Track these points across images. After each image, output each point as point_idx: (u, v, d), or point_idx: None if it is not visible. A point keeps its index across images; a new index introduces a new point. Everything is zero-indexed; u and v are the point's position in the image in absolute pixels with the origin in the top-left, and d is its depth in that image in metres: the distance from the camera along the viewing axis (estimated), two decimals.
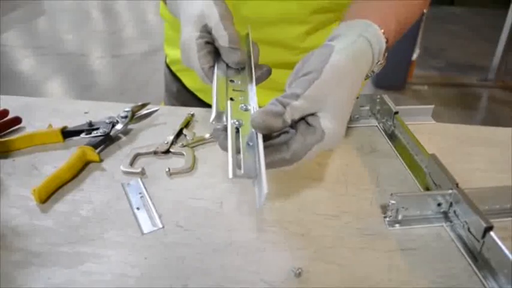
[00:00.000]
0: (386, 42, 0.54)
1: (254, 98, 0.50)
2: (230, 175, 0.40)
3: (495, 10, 4.14)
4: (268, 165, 0.44)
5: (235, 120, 0.47)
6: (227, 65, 0.55)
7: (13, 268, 0.46)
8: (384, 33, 0.53)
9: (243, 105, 0.50)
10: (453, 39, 3.97)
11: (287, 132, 0.48)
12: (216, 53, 0.55)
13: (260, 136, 0.45)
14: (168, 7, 0.64)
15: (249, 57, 0.57)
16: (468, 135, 0.68)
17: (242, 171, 0.42)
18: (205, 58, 0.53)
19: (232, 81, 0.53)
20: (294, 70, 0.51)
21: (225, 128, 0.47)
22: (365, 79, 0.56)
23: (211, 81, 0.52)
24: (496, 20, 3.38)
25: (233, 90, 0.52)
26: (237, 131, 0.46)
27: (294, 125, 0.48)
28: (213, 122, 0.47)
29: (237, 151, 0.44)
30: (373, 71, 0.56)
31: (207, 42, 0.54)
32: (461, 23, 4.40)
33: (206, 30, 0.54)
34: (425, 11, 2.66)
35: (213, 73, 0.53)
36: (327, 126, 0.46)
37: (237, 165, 0.42)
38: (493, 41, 3.18)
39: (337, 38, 0.51)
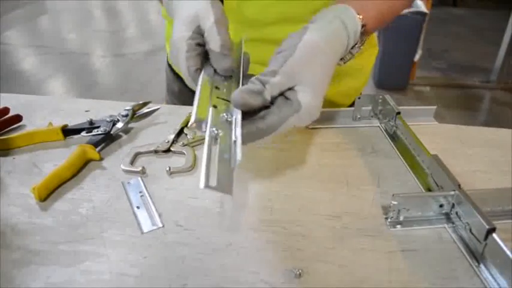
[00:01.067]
0: (364, 26, 0.55)
1: (238, 110, 0.49)
2: (201, 185, 0.39)
3: (498, 12, 4.14)
4: (246, 138, 0.46)
5: (214, 129, 0.46)
6: (215, 70, 0.54)
7: (12, 267, 0.45)
8: (362, 18, 0.55)
9: (224, 114, 0.49)
10: (455, 41, 3.96)
11: (268, 107, 0.49)
12: (205, 57, 0.55)
13: (239, 111, 0.46)
14: (165, 5, 0.64)
15: (239, 66, 0.56)
16: (470, 136, 0.68)
17: (215, 184, 0.41)
18: (194, 60, 0.53)
19: (217, 88, 0.53)
20: (274, 52, 0.52)
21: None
22: (344, 62, 0.59)
23: (196, 85, 0.52)
24: (499, 21, 3.38)
25: (217, 97, 0.51)
26: (215, 140, 0.46)
27: (274, 101, 0.50)
28: (191, 127, 0.47)
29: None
30: (351, 53, 0.58)
31: (198, 44, 0.53)
32: (464, 25, 4.39)
33: (199, 32, 0.53)
34: (427, 11, 2.64)
35: (199, 76, 0.53)
36: (303, 99, 0.48)
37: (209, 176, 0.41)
38: (496, 42, 3.17)
39: (314, 21, 0.53)
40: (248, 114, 0.48)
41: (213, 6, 0.53)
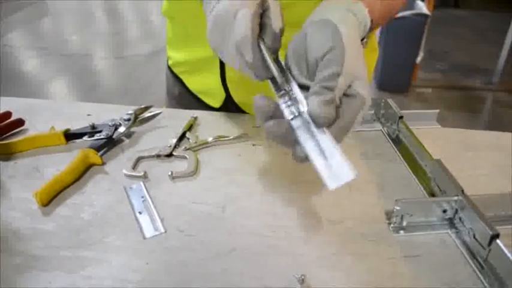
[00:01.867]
0: (371, 22, 0.54)
1: (303, 101, 0.46)
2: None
3: (500, 13, 4.13)
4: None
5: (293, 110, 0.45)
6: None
7: (14, 272, 0.45)
8: (369, 13, 0.53)
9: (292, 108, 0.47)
10: (458, 42, 3.95)
11: None
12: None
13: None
14: None
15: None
16: (473, 140, 0.68)
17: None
18: (256, 25, 0.49)
19: None
20: (293, 50, 0.50)
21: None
22: None
23: (255, 54, 0.48)
24: (501, 23, 3.37)
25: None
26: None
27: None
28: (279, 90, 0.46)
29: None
30: None
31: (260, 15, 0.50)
32: (466, 26, 4.38)
33: (262, 5, 0.50)
34: (429, 13, 2.63)
35: (259, 43, 0.49)
36: (363, 92, 0.47)
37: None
38: (498, 44, 3.17)
39: (324, 12, 0.51)
40: None
41: None
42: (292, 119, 0.45)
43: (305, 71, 0.49)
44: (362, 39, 0.54)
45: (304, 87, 0.48)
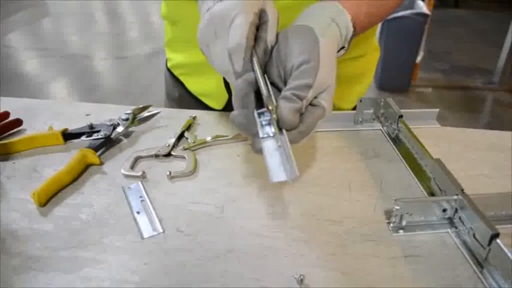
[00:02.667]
0: (354, 30, 0.56)
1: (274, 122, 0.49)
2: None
3: (500, 13, 4.13)
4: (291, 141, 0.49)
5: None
6: None
7: (12, 273, 0.45)
8: (353, 22, 0.55)
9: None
10: (458, 42, 3.95)
11: None
12: None
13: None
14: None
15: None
16: (473, 139, 0.67)
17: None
18: (252, 38, 0.50)
19: None
20: (277, 53, 0.51)
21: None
22: None
23: (245, 65, 0.49)
24: (501, 23, 3.37)
25: None
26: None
27: None
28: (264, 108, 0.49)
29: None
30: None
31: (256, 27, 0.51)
32: (466, 26, 4.38)
33: (261, 17, 0.51)
34: (429, 13, 2.63)
35: (252, 55, 0.50)
36: (326, 103, 0.51)
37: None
38: (498, 44, 3.16)
39: (309, 18, 0.53)
40: None
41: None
42: (262, 137, 0.49)
43: (280, 72, 0.51)
44: (342, 48, 0.57)
45: (274, 85, 0.52)
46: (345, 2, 0.56)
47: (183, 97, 0.86)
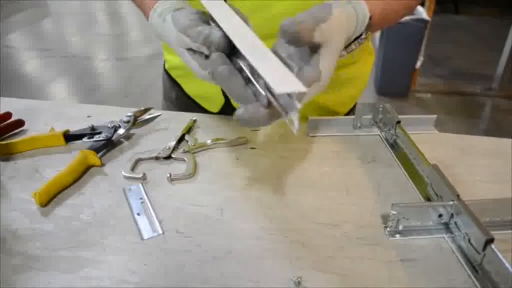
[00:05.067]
0: (370, 19, 0.56)
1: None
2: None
3: (499, 19, 4.14)
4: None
5: None
6: None
7: (13, 272, 0.46)
8: (370, 11, 0.56)
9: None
10: (457, 48, 3.96)
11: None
12: None
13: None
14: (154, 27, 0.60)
15: None
16: (471, 145, 0.68)
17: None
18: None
19: None
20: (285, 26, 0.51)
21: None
22: (347, 52, 0.64)
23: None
24: (501, 28, 3.38)
25: None
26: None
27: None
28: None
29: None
30: (353, 45, 0.61)
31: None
32: (466, 32, 4.39)
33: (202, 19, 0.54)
34: (428, 18, 2.63)
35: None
36: (324, 66, 0.49)
37: None
38: (498, 49, 3.17)
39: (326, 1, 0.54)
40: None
41: None
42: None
43: (291, 51, 0.51)
44: (359, 36, 0.56)
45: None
46: None
47: (179, 98, 0.86)
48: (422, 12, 2.78)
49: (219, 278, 0.45)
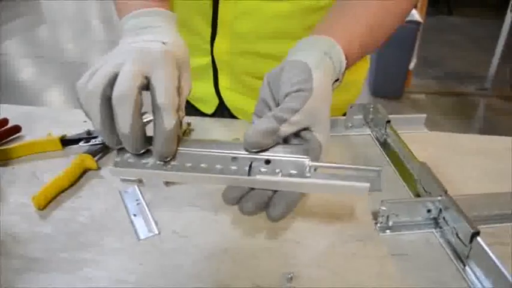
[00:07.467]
0: (347, 62, 0.55)
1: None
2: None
3: (492, 20, 4.18)
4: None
5: None
6: None
7: (13, 274, 0.46)
8: (346, 56, 0.54)
9: None
10: (451, 49, 4.00)
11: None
12: None
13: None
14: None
15: None
16: (462, 144, 0.69)
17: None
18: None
19: None
20: (268, 82, 0.51)
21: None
22: None
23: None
24: (494, 30, 3.41)
25: None
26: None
27: (288, 139, 0.50)
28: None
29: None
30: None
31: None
32: (459, 33, 4.43)
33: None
34: (421, 20, 2.64)
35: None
36: (321, 139, 0.49)
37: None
38: (491, 50, 3.21)
39: (302, 51, 0.52)
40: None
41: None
42: None
43: (274, 104, 0.50)
44: (336, 80, 0.55)
45: None
46: (338, 35, 0.54)
47: None
48: (415, 14, 2.80)
49: (215, 276, 0.46)
